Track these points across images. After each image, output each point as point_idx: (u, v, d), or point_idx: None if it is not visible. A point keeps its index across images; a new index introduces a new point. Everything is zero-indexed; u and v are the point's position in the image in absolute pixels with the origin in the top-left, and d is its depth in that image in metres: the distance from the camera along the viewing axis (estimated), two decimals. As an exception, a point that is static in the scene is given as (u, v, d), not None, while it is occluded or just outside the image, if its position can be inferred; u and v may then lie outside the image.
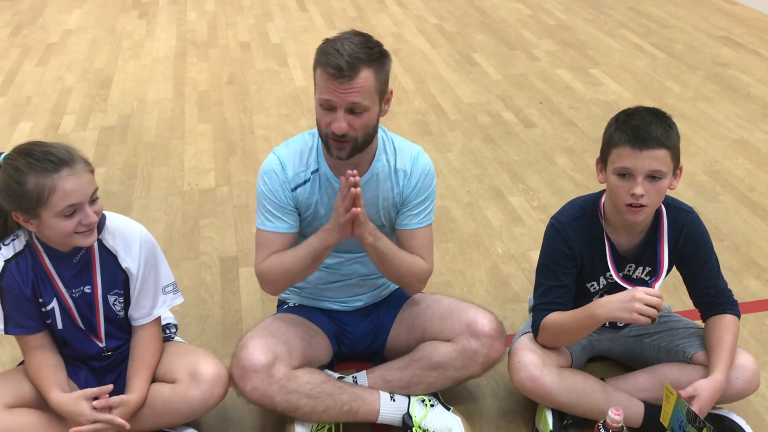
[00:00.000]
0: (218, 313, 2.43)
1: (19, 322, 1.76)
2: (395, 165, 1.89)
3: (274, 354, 1.82)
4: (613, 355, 2.13)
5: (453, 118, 3.76)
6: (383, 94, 1.78)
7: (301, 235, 1.93)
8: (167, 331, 2.00)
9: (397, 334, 2.06)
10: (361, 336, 2.09)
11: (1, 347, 2.22)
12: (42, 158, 1.61)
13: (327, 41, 1.74)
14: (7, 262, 1.71)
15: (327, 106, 1.73)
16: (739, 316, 1.89)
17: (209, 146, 3.47)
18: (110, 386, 1.74)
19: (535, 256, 2.67)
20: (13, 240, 1.74)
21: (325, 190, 1.89)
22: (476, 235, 2.83)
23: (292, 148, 1.90)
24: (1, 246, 1.73)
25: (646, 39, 4.76)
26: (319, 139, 1.84)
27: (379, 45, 1.74)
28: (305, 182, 1.89)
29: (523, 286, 2.54)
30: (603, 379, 1.94)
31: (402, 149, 1.91)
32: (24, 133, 3.54)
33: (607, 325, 2.02)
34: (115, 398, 1.72)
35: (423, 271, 1.91)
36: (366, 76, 1.70)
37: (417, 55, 4.52)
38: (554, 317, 1.86)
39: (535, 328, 1.91)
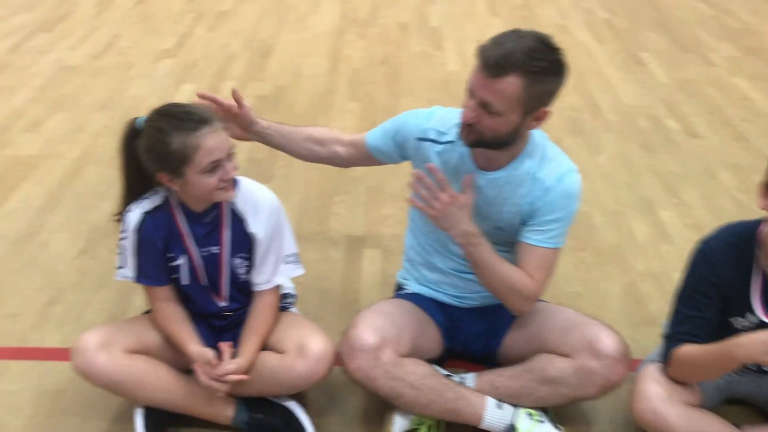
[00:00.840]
0: (337, 290, 2.43)
1: (148, 273, 1.84)
2: (537, 173, 1.78)
3: (383, 337, 1.78)
4: (755, 400, 1.90)
5: (609, 119, 3.53)
6: (532, 109, 1.66)
7: None
8: (284, 301, 2.02)
9: (513, 341, 1.95)
10: (474, 335, 2.01)
11: (137, 294, 2.35)
12: (183, 118, 1.66)
13: (507, 31, 1.65)
14: (146, 213, 1.80)
15: (468, 89, 1.67)
16: None
17: (354, 125, 3.49)
18: (230, 343, 1.80)
19: (679, 278, 2.48)
20: (153, 195, 1.82)
21: (449, 164, 1.82)
22: (617, 247, 2.64)
23: (446, 111, 1.88)
24: (143, 199, 1.81)
25: None
26: None
27: (551, 59, 1.61)
28: (431, 141, 1.85)
29: (661, 309, 2.32)
30: (737, 426, 1.73)
31: (551, 161, 1.79)
32: (186, 93, 3.74)
33: (750, 366, 1.80)
34: (230, 366, 1.76)
35: (525, 288, 1.78)
36: (512, 83, 1.59)
37: (579, 49, 4.29)
38: (688, 350, 1.68)
39: (665, 359, 1.73)
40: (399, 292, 2.08)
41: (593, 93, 3.77)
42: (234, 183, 1.78)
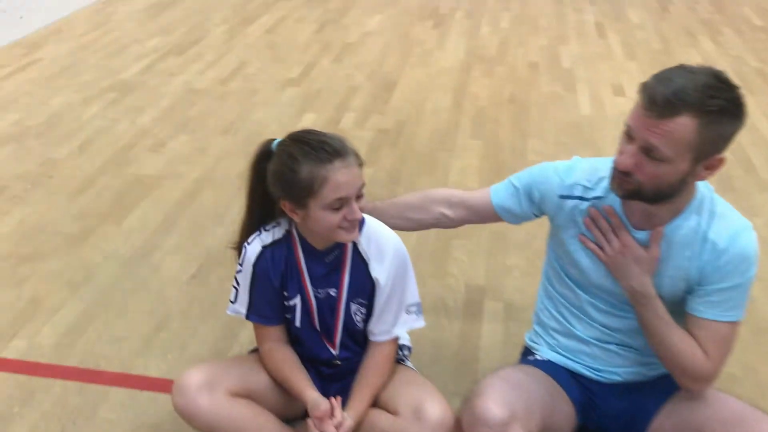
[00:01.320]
0: (454, 345, 2.23)
1: (261, 311, 1.72)
2: (707, 232, 1.53)
3: (512, 412, 1.55)
4: None
5: (764, 177, 3.17)
6: (703, 156, 1.43)
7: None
8: (400, 353, 1.84)
9: (662, 428, 1.67)
10: (612, 415, 1.74)
11: (245, 328, 2.24)
12: (317, 147, 1.53)
13: (674, 66, 1.44)
14: (264, 247, 1.67)
15: (626, 131, 1.45)
16: None
17: (477, 163, 3.31)
18: (340, 398, 1.64)
19: None
20: (274, 227, 1.69)
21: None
22: (774, 324, 2.29)
23: (590, 162, 1.67)
24: (263, 231, 1.69)
25: None
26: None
27: (729, 98, 1.39)
28: (578, 198, 1.64)
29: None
30: None
31: (723, 217, 1.54)
32: (308, 122, 3.68)
33: None
34: (348, 422, 1.60)
35: (697, 367, 1.53)
36: (683, 124, 1.37)
37: (727, 99, 3.94)
38: None
39: None
40: (528, 357, 1.84)
41: (745, 147, 3.41)
42: (360, 224, 1.63)
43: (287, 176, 1.54)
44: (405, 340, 1.89)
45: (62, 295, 2.43)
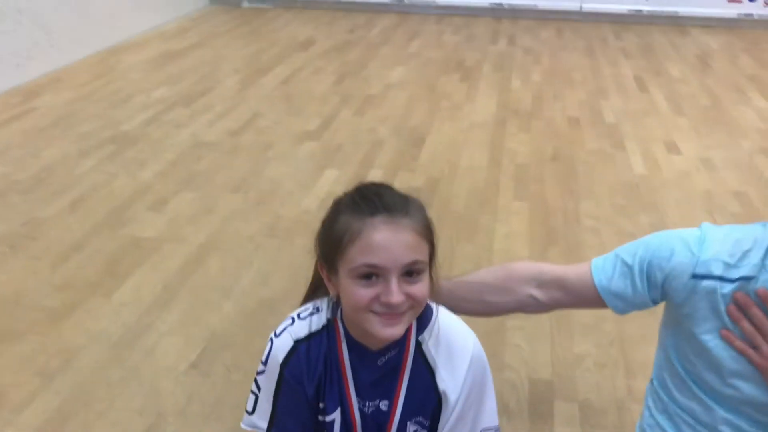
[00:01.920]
0: (522, 459, 1.75)
1: (288, 427, 1.26)
2: None
3: None
4: None
5: None
6: None
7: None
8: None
9: None
10: None
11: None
12: (367, 197, 1.13)
13: None
14: (298, 342, 1.23)
15: None
16: None
17: (525, 229, 2.88)
18: None
19: None
20: (311, 314, 1.26)
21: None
22: None
23: (726, 231, 1.26)
24: (296, 318, 1.25)
25: None
26: None
27: None
28: (717, 279, 1.23)
29: None
30: None
31: None
32: (329, 179, 3.27)
33: None
34: None
35: None
36: None
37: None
38: None
39: None
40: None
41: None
42: (420, 323, 1.19)
43: (326, 226, 1.17)
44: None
45: (32, 387, 1.98)
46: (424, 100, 4.45)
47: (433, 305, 1.25)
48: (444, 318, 1.25)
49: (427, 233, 1.15)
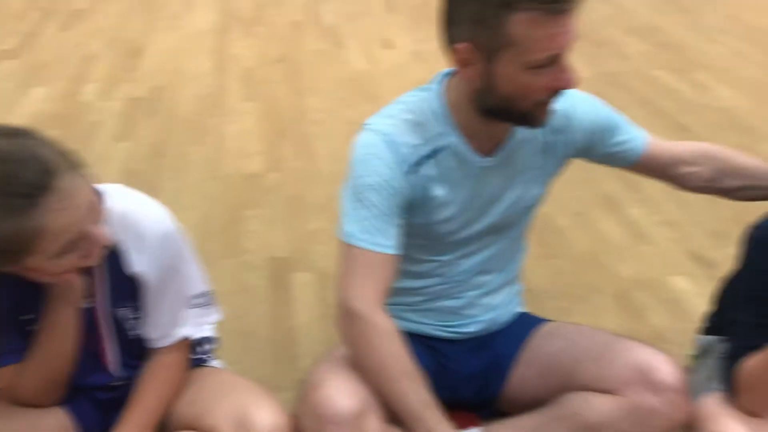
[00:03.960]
0: (265, 330, 1.85)
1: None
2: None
3: (364, 400, 1.24)
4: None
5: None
6: None
7: (408, 234, 1.34)
8: (200, 350, 1.41)
9: (523, 378, 1.45)
10: (466, 377, 1.48)
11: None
12: (7, 190, 1.00)
13: None
14: None
15: (548, 61, 1.18)
16: None
17: (255, 127, 2.92)
18: None
19: (674, 283, 2.10)
20: None
21: (453, 169, 1.32)
22: (592, 253, 2.23)
23: (401, 118, 1.31)
24: None
25: (753, 46, 4.16)
26: (444, 105, 1.30)
27: None
28: (429, 156, 1.31)
29: (665, 322, 1.93)
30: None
31: None
32: (37, 98, 3.00)
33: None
34: None
35: None
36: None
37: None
38: (755, 363, 1.26)
39: (732, 385, 1.30)
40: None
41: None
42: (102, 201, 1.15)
43: None
44: (205, 331, 1.45)
45: None
46: (138, 11, 4.21)
47: (115, 193, 1.20)
48: (125, 200, 1.22)
49: (80, 164, 1.08)
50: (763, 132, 3.03)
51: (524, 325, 1.50)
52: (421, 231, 1.37)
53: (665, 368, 1.30)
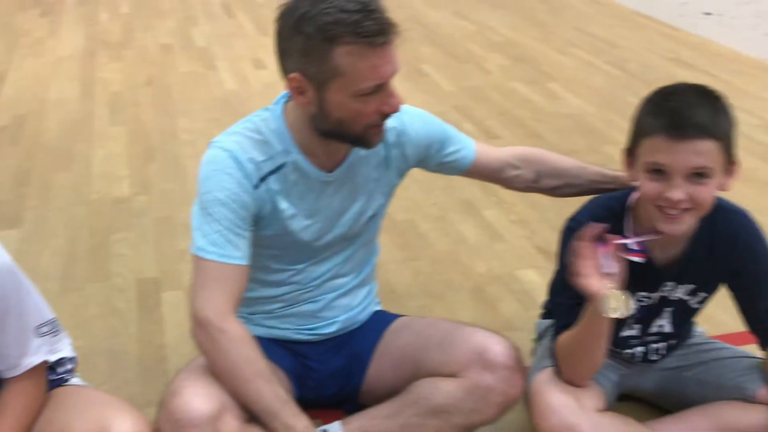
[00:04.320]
0: (134, 349, 1.87)
1: None
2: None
3: (220, 402, 1.31)
4: (642, 393, 1.70)
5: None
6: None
7: (261, 246, 1.43)
8: (61, 370, 1.42)
9: (379, 371, 1.57)
10: (329, 376, 1.59)
11: None
12: None
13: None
14: None
15: (374, 89, 1.31)
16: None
17: (123, 150, 2.91)
18: None
19: (524, 276, 2.29)
20: None
21: (296, 184, 1.42)
22: (452, 253, 2.39)
23: (246, 135, 1.40)
24: None
25: (598, 57, 4.54)
26: (283, 125, 1.39)
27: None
28: (273, 172, 1.40)
29: (515, 311, 2.11)
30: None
31: None
32: None
33: (638, 357, 1.61)
34: None
35: None
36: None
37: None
38: (563, 337, 1.45)
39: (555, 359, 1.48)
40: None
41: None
42: None
43: None
44: (65, 351, 1.47)
45: None
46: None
47: None
48: None
49: None
50: (607, 135, 3.32)
51: (379, 322, 1.62)
52: (274, 242, 1.46)
53: (498, 348, 1.45)
